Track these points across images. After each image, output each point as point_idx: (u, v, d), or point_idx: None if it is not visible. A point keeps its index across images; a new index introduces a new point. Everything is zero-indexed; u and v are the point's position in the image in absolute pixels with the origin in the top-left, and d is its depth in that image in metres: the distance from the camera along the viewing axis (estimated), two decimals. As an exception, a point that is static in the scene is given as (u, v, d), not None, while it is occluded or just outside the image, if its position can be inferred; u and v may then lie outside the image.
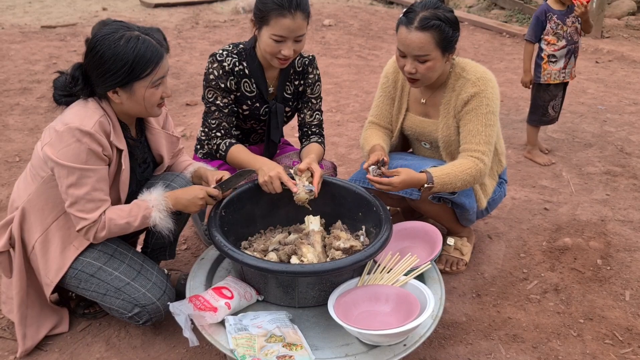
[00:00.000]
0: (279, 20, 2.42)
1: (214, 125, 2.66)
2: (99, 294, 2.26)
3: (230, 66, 2.62)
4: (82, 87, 2.13)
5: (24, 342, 2.30)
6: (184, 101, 5.59)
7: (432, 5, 2.47)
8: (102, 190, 2.13)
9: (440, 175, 2.47)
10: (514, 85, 6.19)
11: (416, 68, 2.51)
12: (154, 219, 2.19)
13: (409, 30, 2.45)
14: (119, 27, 2.10)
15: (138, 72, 2.07)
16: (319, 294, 2.25)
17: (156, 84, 2.14)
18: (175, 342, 2.41)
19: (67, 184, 2.07)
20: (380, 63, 7.10)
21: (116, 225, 2.14)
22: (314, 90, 2.84)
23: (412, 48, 2.46)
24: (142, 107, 2.17)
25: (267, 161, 2.53)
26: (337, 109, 5.45)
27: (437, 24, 2.41)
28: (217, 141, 2.66)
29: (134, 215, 2.17)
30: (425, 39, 2.43)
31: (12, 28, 8.35)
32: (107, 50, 2.03)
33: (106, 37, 2.05)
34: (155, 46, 2.10)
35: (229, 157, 2.64)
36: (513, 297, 2.77)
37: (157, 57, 2.10)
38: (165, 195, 2.25)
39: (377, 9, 10.85)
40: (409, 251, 2.44)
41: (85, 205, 2.09)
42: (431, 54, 2.46)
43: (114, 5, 10.32)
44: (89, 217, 2.10)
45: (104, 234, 2.15)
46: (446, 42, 2.46)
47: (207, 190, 2.32)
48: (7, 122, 4.87)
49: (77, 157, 2.04)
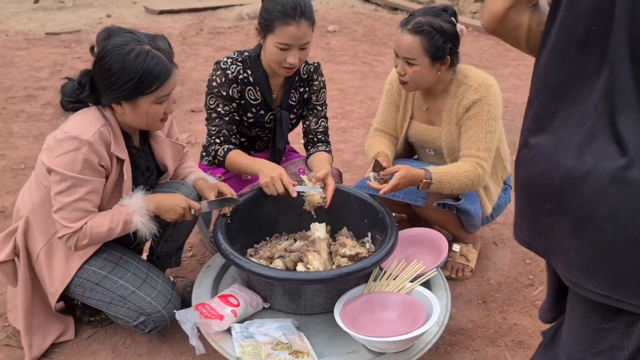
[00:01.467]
0: (283, 29, 2.42)
1: (214, 132, 2.67)
2: (104, 302, 2.26)
3: (234, 74, 2.62)
4: (89, 94, 2.13)
5: (31, 351, 2.29)
6: (188, 108, 5.60)
7: (433, 12, 2.50)
8: (91, 202, 2.11)
9: (438, 173, 2.48)
10: (519, 91, 6.19)
11: (405, 70, 2.55)
12: (136, 224, 2.16)
13: (402, 32, 2.50)
14: (131, 39, 2.09)
15: (144, 88, 2.06)
16: (325, 301, 2.25)
17: (161, 100, 2.13)
18: (182, 350, 2.41)
19: (58, 190, 2.06)
20: (385, 69, 7.10)
21: (98, 232, 2.11)
22: (319, 97, 2.84)
23: (401, 49, 2.52)
24: (143, 121, 2.16)
25: (266, 163, 2.53)
26: (342, 116, 5.45)
27: (428, 31, 2.44)
28: (216, 147, 2.66)
29: (116, 221, 2.14)
30: (414, 42, 2.46)
31: (16, 35, 8.37)
32: (116, 63, 2.03)
33: (116, 49, 2.05)
34: (164, 63, 2.10)
35: (228, 163, 2.64)
36: (519, 303, 2.76)
37: (165, 75, 2.09)
38: (146, 198, 2.23)
39: (381, 14, 10.86)
40: (415, 258, 2.44)
41: (71, 213, 2.07)
42: (418, 59, 2.49)
43: (118, 12, 10.35)
44: (71, 225, 2.07)
45: (86, 242, 2.12)
46: (435, 50, 2.47)
47: (190, 203, 2.29)
48: (12, 129, 4.88)
49: (72, 165, 2.03)
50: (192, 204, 2.29)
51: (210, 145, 2.68)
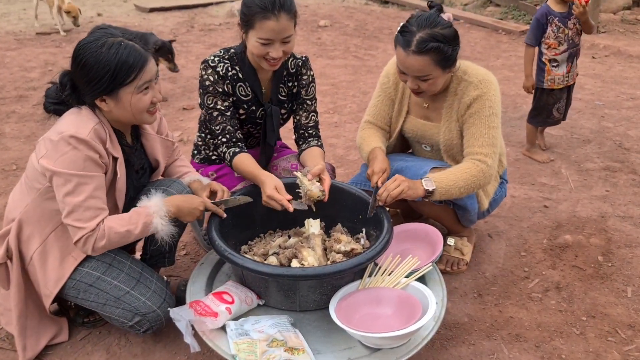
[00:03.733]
0: (263, 23, 2.39)
1: (218, 131, 2.63)
2: (99, 303, 2.24)
3: (223, 71, 2.60)
4: (70, 93, 2.12)
5: (25, 354, 2.28)
6: (180, 105, 5.58)
7: (429, 23, 2.39)
8: (100, 198, 2.09)
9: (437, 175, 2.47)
10: (511, 83, 6.19)
11: (419, 85, 2.49)
12: (156, 226, 2.15)
13: (407, 54, 2.40)
14: (102, 34, 2.07)
15: (121, 78, 2.04)
16: (320, 297, 2.24)
17: (142, 89, 2.10)
18: (176, 349, 2.40)
19: (64, 192, 2.03)
20: (377, 63, 7.10)
21: (116, 233, 2.09)
22: (308, 92, 2.82)
23: (412, 71, 2.44)
24: (130, 113, 2.14)
25: (266, 179, 2.44)
26: (334, 110, 5.44)
27: (435, 46, 2.36)
28: (223, 149, 2.63)
29: (134, 222, 2.12)
30: (424, 62, 2.39)
31: (7, 35, 8.33)
32: (90, 58, 2.02)
33: (88, 44, 2.04)
34: (138, 51, 2.07)
35: (234, 167, 2.63)
36: (515, 296, 2.76)
37: (141, 62, 2.07)
38: (165, 201, 2.22)
39: (372, 8, 10.84)
40: (410, 253, 2.43)
41: (83, 213, 2.04)
42: (432, 73, 2.43)
43: (109, 10, 10.31)
44: (86, 225, 2.04)
45: (104, 243, 2.09)
46: (445, 60, 2.42)
47: (207, 205, 2.32)
48: (4, 130, 4.86)
49: (75, 164, 2.02)
50: (208, 206, 2.32)
51: (217, 146, 2.65)
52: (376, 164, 2.55)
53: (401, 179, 2.41)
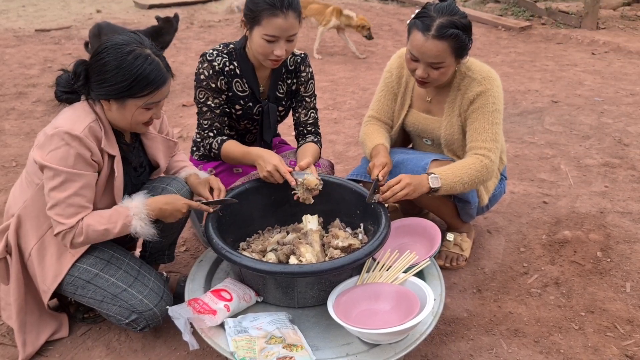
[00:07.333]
0: (271, 20, 2.40)
1: (206, 125, 2.66)
2: (96, 300, 2.24)
3: (220, 66, 2.60)
4: (83, 84, 2.11)
5: (24, 349, 2.29)
6: (180, 102, 5.58)
7: (449, 11, 2.42)
8: (85, 196, 2.09)
9: (442, 169, 2.48)
10: (510, 79, 6.19)
11: (429, 73, 2.49)
12: (135, 227, 2.14)
13: (426, 38, 2.40)
14: (133, 40, 2.07)
15: (136, 91, 2.04)
16: (319, 293, 2.24)
17: (149, 106, 2.11)
18: (177, 345, 2.40)
19: (51, 186, 2.04)
20: (376, 59, 7.09)
21: (95, 231, 2.09)
22: (307, 89, 2.82)
23: (428, 56, 2.44)
24: (127, 123, 2.14)
25: (262, 153, 2.49)
26: (333, 107, 5.44)
27: (455, 33, 2.38)
28: (210, 140, 2.65)
29: (114, 221, 2.12)
30: (443, 47, 2.40)
31: (6, 32, 8.32)
32: (113, 61, 2.01)
33: (116, 47, 2.03)
34: (161, 70, 2.07)
35: (223, 154, 2.63)
36: (514, 292, 2.76)
37: (160, 82, 2.07)
38: (146, 203, 2.20)
39: (372, 5, 10.83)
40: (408, 248, 2.44)
41: (65, 209, 2.05)
42: (446, 60, 2.44)
43: (108, 7, 10.30)
44: (66, 222, 2.05)
45: (81, 240, 2.09)
46: (462, 49, 2.44)
47: (190, 205, 2.29)
48: (3, 126, 4.85)
49: (65, 160, 2.02)
50: (190, 205, 2.29)
51: (203, 139, 2.66)
52: (378, 159, 2.55)
53: (406, 181, 2.40)
